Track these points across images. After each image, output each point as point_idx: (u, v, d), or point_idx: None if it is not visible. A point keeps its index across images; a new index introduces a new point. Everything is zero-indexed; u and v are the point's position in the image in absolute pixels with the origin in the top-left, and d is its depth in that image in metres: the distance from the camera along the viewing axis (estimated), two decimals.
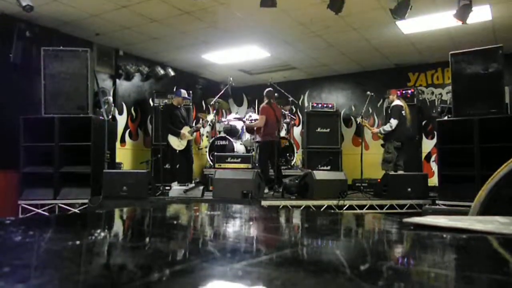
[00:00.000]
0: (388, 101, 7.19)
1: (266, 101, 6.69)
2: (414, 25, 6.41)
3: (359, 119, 7.27)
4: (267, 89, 6.86)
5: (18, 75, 6.05)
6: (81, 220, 1.31)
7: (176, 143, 6.69)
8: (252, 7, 5.42)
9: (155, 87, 8.60)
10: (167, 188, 6.08)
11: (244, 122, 7.81)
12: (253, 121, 7.53)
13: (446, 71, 8.11)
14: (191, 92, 8.13)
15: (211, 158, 7.72)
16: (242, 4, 5.73)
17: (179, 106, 6.97)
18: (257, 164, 6.93)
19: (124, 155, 7.87)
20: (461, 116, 5.43)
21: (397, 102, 6.86)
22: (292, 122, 8.79)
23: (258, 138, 6.80)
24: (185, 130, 6.77)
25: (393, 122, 6.65)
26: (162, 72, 8.49)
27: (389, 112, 7.14)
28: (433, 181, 6.58)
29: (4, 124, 5.71)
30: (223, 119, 8.81)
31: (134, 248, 0.77)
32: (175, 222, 1.28)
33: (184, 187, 5.76)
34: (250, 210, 1.57)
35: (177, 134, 6.65)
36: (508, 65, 5.65)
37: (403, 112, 6.74)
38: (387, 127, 6.74)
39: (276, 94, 7.58)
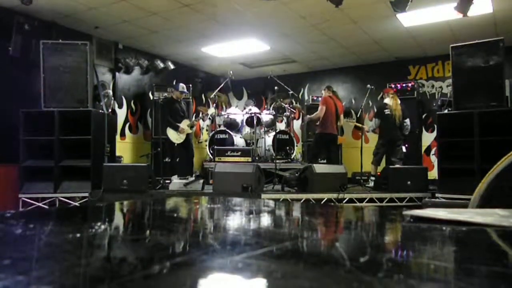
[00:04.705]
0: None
1: (327, 93, 6.72)
2: (415, 18, 6.38)
3: (346, 120, 7.50)
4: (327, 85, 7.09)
5: (17, 69, 6.04)
6: (82, 213, 1.31)
7: (175, 137, 6.70)
8: (252, 0, 5.39)
9: (155, 81, 8.58)
10: (167, 181, 6.09)
11: (304, 115, 7.81)
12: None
13: (447, 64, 8.08)
14: (190, 85, 8.10)
15: (211, 151, 7.71)
16: None
17: (178, 100, 6.97)
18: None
19: (124, 148, 7.88)
20: (461, 109, 5.42)
21: (386, 100, 6.91)
22: (292, 116, 8.78)
23: (316, 130, 6.82)
24: (184, 124, 6.77)
25: (375, 121, 6.93)
26: (161, 65, 8.47)
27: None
28: (433, 174, 6.59)
29: (4, 118, 5.70)
30: (223, 113, 8.79)
31: (134, 240, 0.77)
32: (175, 215, 1.28)
33: (184, 181, 5.77)
34: (250, 203, 1.57)
35: (176, 128, 6.65)
36: (508, 58, 5.63)
37: (386, 111, 6.77)
38: (370, 125, 7.13)
39: (276, 88, 7.61)
